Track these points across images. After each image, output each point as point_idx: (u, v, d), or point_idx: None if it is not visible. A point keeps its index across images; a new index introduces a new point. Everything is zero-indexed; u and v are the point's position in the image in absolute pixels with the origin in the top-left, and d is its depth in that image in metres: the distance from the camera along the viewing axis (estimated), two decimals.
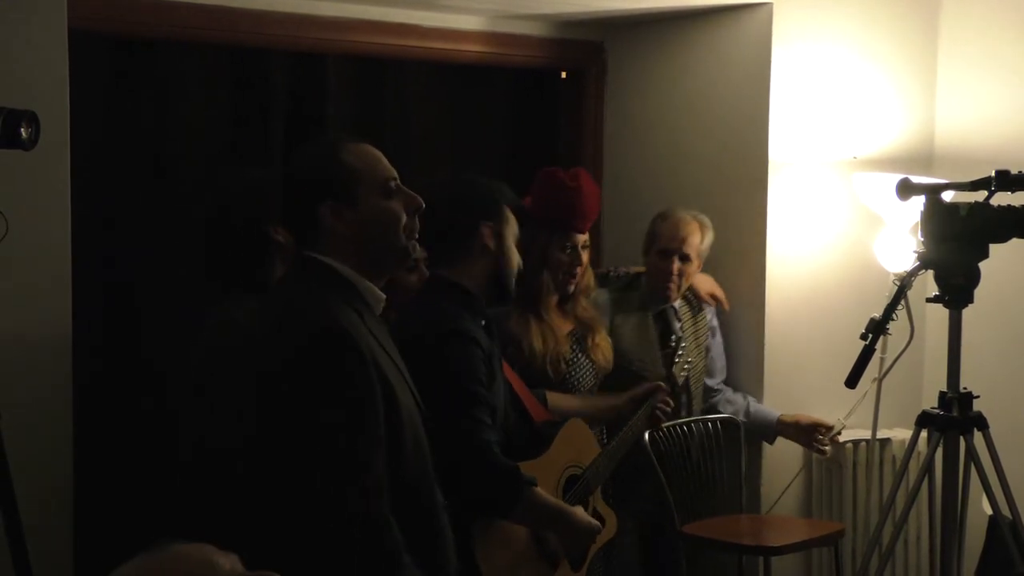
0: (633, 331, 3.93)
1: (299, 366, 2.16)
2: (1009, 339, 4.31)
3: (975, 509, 3.37)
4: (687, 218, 3.99)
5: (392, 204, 2.30)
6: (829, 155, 4.32)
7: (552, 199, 3.56)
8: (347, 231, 2.26)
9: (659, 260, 3.97)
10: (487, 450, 2.71)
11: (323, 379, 2.15)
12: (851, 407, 4.06)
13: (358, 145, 2.33)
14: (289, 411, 2.15)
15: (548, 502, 2.83)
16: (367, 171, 2.29)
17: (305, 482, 2.13)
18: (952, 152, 4.46)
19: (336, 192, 2.25)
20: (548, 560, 2.92)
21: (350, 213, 2.26)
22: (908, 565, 4.38)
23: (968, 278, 3.08)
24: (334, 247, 2.26)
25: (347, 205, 2.26)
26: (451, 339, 2.76)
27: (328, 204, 2.25)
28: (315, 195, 2.26)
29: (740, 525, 4.08)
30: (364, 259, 2.28)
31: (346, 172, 2.27)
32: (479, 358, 2.77)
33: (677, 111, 4.53)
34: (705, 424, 4.13)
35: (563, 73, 4.71)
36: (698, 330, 4.09)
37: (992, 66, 4.42)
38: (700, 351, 4.09)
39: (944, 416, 3.16)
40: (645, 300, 4.00)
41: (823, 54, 4.29)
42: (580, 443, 3.14)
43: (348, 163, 2.28)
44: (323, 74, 4.21)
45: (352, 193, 2.26)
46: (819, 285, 4.32)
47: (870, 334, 3.10)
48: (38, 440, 3.25)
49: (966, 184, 3.09)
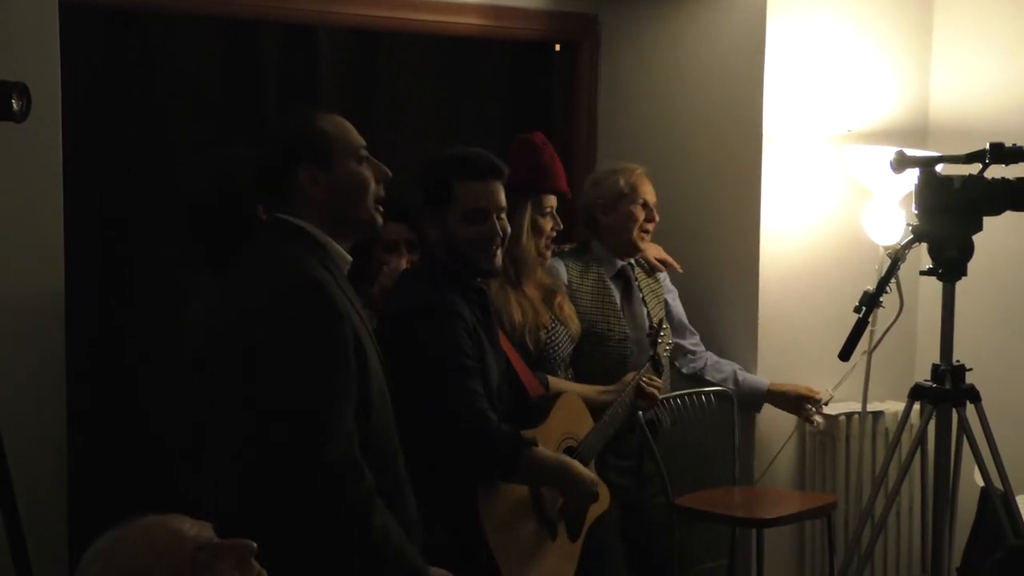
0: (590, 293, 3.93)
1: (276, 316, 2.25)
2: (1002, 312, 4.32)
3: (967, 481, 3.39)
4: (643, 171, 4.00)
5: (363, 170, 2.43)
6: (824, 128, 4.31)
7: (521, 162, 3.52)
8: (320, 195, 2.38)
9: (638, 211, 3.94)
10: (483, 418, 2.73)
11: (300, 327, 2.25)
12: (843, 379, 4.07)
13: (331, 115, 2.47)
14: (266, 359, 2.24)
15: (550, 457, 2.88)
16: (341, 137, 2.42)
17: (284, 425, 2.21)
18: (946, 125, 4.46)
19: (312, 155, 2.38)
20: (548, 530, 2.94)
21: (325, 177, 2.38)
22: (900, 536, 4.41)
23: (962, 251, 3.09)
24: (305, 210, 2.38)
25: (322, 169, 2.38)
26: (436, 313, 2.78)
27: (304, 167, 2.37)
28: (293, 158, 2.38)
29: (733, 497, 4.09)
30: (334, 222, 2.39)
31: (322, 137, 2.40)
32: (462, 329, 2.79)
33: (671, 84, 4.52)
34: (698, 397, 4.14)
35: (557, 46, 4.69)
36: (655, 291, 4.10)
37: (986, 39, 4.40)
38: (660, 311, 4.08)
39: (937, 389, 3.17)
40: (601, 261, 3.99)
41: (818, 27, 4.28)
42: (575, 416, 3.16)
43: (323, 129, 2.41)
44: (316, 47, 4.19)
45: (327, 157, 2.39)
46: (813, 258, 4.32)
47: (864, 307, 3.10)
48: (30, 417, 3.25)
49: (960, 157, 3.10)
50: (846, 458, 4.33)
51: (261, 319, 2.26)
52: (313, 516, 2.23)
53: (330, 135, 2.41)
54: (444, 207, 2.86)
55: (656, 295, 4.10)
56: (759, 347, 4.25)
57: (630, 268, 4.03)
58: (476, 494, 2.76)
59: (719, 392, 4.17)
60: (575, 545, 3.03)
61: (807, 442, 4.34)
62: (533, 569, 2.87)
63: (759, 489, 4.24)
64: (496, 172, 2.90)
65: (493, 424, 2.74)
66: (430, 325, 2.77)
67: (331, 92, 4.20)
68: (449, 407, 2.73)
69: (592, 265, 3.97)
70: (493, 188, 2.88)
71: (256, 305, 2.28)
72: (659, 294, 4.12)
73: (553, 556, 2.94)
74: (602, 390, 3.48)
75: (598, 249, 4.01)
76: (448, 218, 2.86)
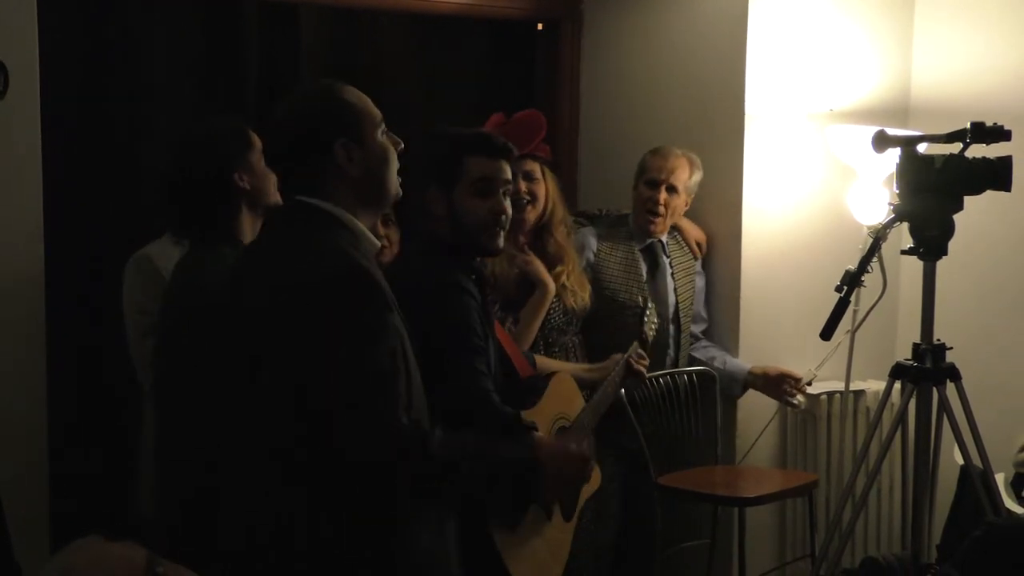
0: (619, 263, 4.02)
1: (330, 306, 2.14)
2: (982, 291, 4.33)
3: (947, 459, 3.40)
4: (677, 152, 4.09)
5: (388, 142, 2.33)
6: (805, 107, 4.31)
7: None
8: (356, 171, 2.26)
9: (646, 190, 4.04)
10: (487, 399, 2.72)
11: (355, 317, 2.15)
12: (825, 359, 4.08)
13: (350, 87, 2.34)
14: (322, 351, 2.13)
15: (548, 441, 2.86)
16: (367, 109, 2.32)
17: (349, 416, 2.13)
18: (928, 104, 4.46)
19: (347, 131, 2.26)
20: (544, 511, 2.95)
21: (358, 152, 2.27)
22: (881, 514, 4.43)
23: (942, 230, 3.09)
24: (335, 188, 2.26)
25: (356, 143, 2.27)
26: (449, 291, 2.76)
27: (341, 142, 2.25)
28: (330, 133, 2.25)
29: (715, 476, 4.10)
30: (362, 199, 2.28)
31: (353, 110, 2.29)
32: (474, 309, 2.78)
33: (653, 63, 4.51)
34: (681, 376, 4.15)
35: (539, 25, 4.68)
36: (686, 266, 4.15)
37: (968, 19, 4.40)
38: (690, 287, 4.15)
39: (917, 368, 3.18)
40: (633, 235, 4.08)
41: (799, 6, 4.27)
42: (567, 396, 3.15)
43: (351, 101, 2.30)
44: (296, 25, 4.17)
45: (360, 130, 2.28)
46: (795, 238, 4.33)
47: (845, 286, 3.10)
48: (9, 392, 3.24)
49: (941, 136, 3.09)
50: (827, 437, 4.34)
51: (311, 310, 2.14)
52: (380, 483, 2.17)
53: (358, 108, 2.29)
54: (454, 182, 2.84)
55: (688, 274, 4.16)
56: (740, 327, 4.26)
57: (659, 245, 4.10)
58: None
59: (701, 372, 4.18)
60: (569, 525, 3.05)
61: (788, 421, 4.35)
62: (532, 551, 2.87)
63: (741, 468, 4.25)
64: (507, 151, 2.89)
65: (497, 405, 2.73)
66: (440, 302, 2.74)
67: (311, 70, 4.18)
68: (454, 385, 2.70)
69: (624, 237, 4.06)
70: (502, 165, 2.88)
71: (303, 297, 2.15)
72: (691, 273, 4.18)
73: (550, 537, 2.95)
74: (589, 368, 3.49)
75: (631, 221, 4.11)
76: (457, 192, 2.85)
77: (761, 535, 4.27)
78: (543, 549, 2.91)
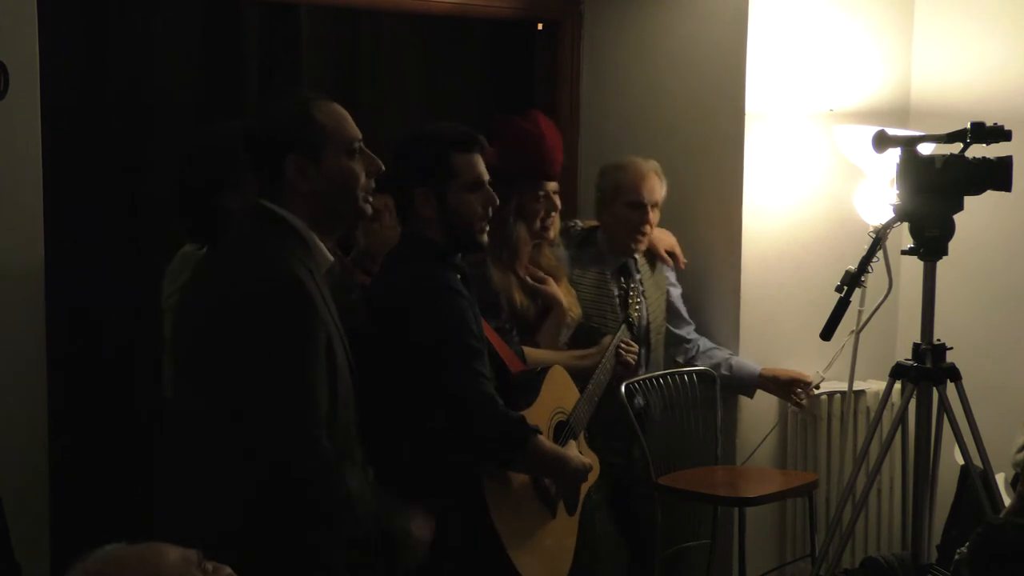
0: (591, 286, 3.93)
1: (253, 314, 2.19)
2: (982, 291, 4.33)
3: (947, 459, 3.40)
4: (646, 168, 3.97)
5: (354, 164, 2.36)
6: (806, 108, 4.31)
7: (517, 150, 3.52)
8: (307, 187, 2.31)
9: (629, 212, 3.94)
10: (491, 402, 2.71)
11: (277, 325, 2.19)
12: (827, 360, 4.07)
13: (328, 103, 2.37)
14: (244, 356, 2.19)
15: (550, 449, 2.88)
16: (335, 130, 2.34)
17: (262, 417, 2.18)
18: (928, 105, 4.46)
19: (303, 147, 2.30)
20: (549, 507, 2.96)
21: (313, 169, 2.31)
22: (881, 515, 4.43)
23: (943, 230, 3.10)
24: (291, 200, 2.31)
25: (312, 161, 2.31)
26: (443, 294, 2.75)
27: (293, 157, 2.29)
28: (281, 147, 2.30)
29: (715, 476, 4.10)
30: (319, 215, 2.33)
31: (315, 129, 2.32)
32: (468, 310, 2.77)
33: (654, 63, 4.51)
34: (681, 376, 4.14)
35: (539, 24, 4.68)
36: (658, 283, 4.10)
37: (969, 19, 4.41)
38: (661, 304, 4.10)
39: (918, 368, 3.18)
40: (604, 254, 3.99)
41: (800, 6, 4.27)
42: (562, 389, 3.16)
43: (318, 120, 2.33)
44: (297, 24, 4.17)
45: (318, 150, 2.31)
46: (795, 238, 4.32)
47: (845, 287, 3.11)
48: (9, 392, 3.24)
49: (942, 136, 3.10)
50: (828, 437, 4.34)
51: (237, 317, 2.21)
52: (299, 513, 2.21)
53: (325, 127, 2.32)
54: (446, 182, 2.82)
55: (659, 288, 4.10)
56: (741, 327, 4.25)
57: (632, 262, 4.02)
58: (481, 478, 2.75)
59: (702, 372, 4.17)
60: (573, 519, 3.06)
61: (789, 421, 4.35)
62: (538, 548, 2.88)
63: (741, 468, 4.25)
64: (481, 144, 2.89)
65: (501, 408, 2.72)
66: (432, 304, 2.73)
67: (312, 70, 4.18)
68: (454, 390, 2.70)
69: (594, 258, 3.96)
70: (480, 159, 2.88)
71: (233, 303, 2.22)
72: (662, 287, 4.12)
73: (555, 533, 2.97)
74: (580, 355, 3.49)
75: (602, 241, 4.01)
76: (449, 192, 2.83)
77: (761, 535, 4.27)
78: (550, 544, 2.93)
